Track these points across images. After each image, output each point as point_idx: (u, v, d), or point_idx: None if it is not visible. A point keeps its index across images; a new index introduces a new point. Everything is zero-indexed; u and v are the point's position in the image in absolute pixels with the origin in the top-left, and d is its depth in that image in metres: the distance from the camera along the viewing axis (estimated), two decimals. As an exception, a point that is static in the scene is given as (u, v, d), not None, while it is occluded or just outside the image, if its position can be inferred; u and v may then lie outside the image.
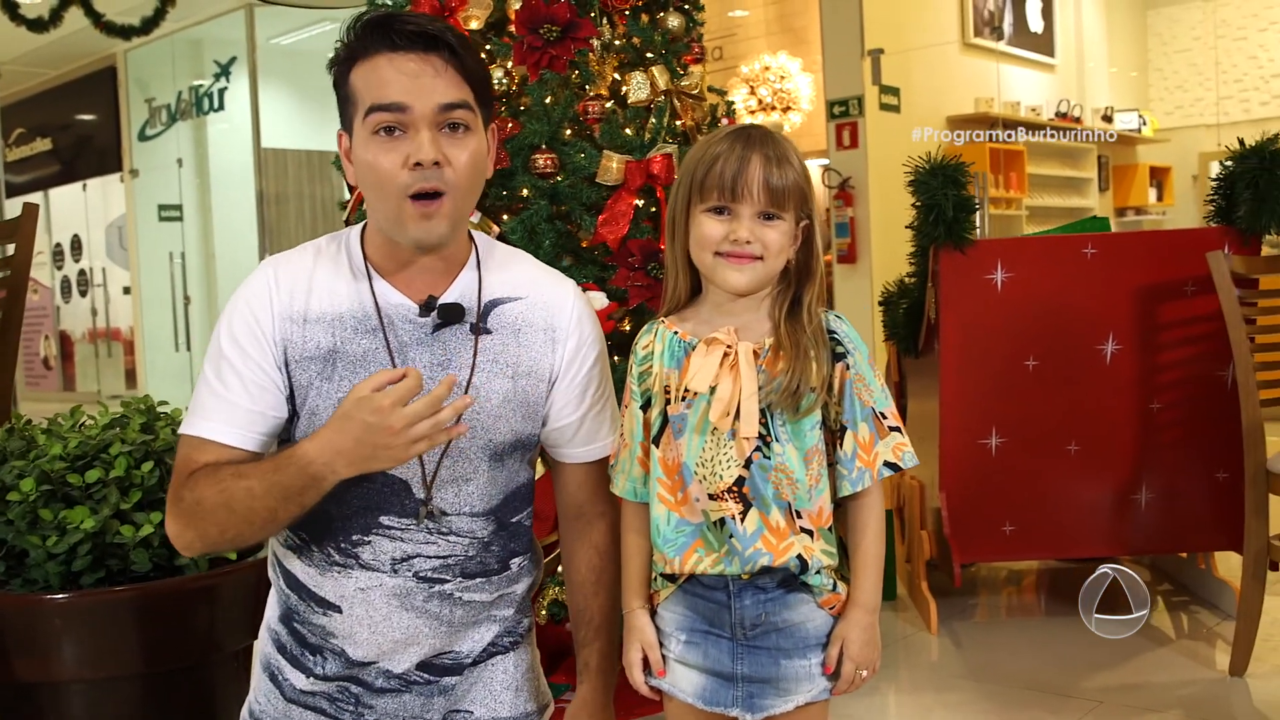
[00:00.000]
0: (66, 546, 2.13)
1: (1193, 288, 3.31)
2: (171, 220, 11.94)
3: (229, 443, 1.61)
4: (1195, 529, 3.51)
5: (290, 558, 1.71)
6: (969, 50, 9.36)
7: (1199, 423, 3.44)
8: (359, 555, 1.65)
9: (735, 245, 1.59)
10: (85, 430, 2.30)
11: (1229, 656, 3.17)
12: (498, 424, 1.68)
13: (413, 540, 1.66)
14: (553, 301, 1.74)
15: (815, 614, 1.64)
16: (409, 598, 1.66)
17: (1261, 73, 11.06)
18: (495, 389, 1.67)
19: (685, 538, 1.64)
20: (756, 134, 1.62)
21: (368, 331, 1.64)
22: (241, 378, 1.62)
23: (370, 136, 1.59)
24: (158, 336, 12.19)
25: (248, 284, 1.67)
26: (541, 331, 1.72)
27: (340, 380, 1.63)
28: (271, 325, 1.63)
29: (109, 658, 2.20)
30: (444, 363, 1.65)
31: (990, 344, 3.39)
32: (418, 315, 1.65)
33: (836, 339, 1.63)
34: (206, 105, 11.61)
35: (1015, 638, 3.53)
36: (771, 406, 1.59)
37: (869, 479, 1.62)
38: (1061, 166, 10.21)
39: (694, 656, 1.67)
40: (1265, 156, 3.17)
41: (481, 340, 1.67)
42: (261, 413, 1.63)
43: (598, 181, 2.96)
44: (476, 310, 1.68)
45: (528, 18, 3.00)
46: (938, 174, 3.18)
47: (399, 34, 1.60)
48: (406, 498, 1.65)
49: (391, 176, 1.58)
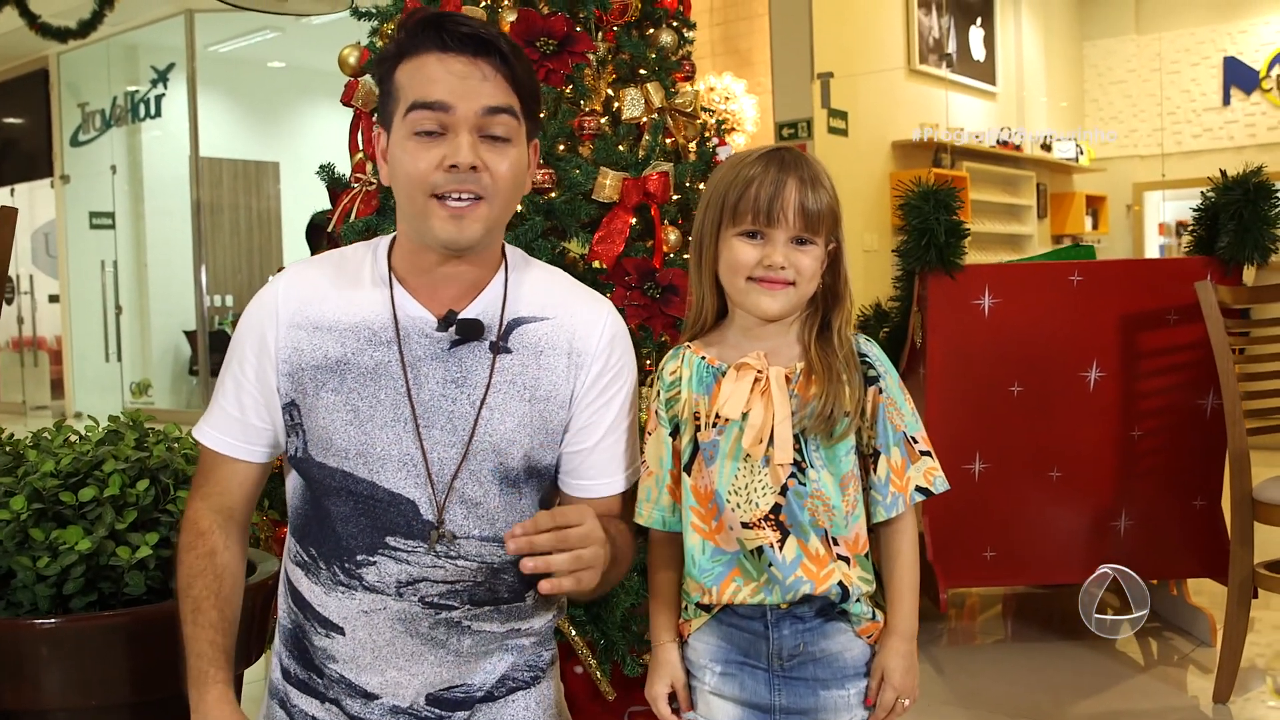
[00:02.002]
0: (59, 568, 2.03)
1: (1175, 317, 3.34)
2: (103, 228, 11.69)
3: (226, 454, 1.64)
4: (1173, 556, 3.54)
5: (298, 574, 1.65)
6: (914, 76, 9.47)
7: (1178, 451, 3.47)
8: (363, 577, 1.59)
9: (769, 271, 1.55)
10: (77, 446, 2.20)
11: (1208, 683, 3.19)
12: (511, 448, 1.61)
13: (419, 564, 1.59)
14: (581, 325, 1.66)
15: (854, 643, 1.61)
16: (414, 623, 1.60)
17: (1194, 106, 11.34)
18: (511, 411, 1.61)
19: (722, 567, 1.60)
20: (790, 157, 1.58)
21: (382, 344, 1.59)
22: (238, 386, 1.62)
23: (410, 136, 1.55)
24: (87, 346, 11.90)
25: (259, 295, 1.65)
26: (565, 355, 1.64)
27: (350, 393, 1.57)
28: (275, 333, 1.60)
29: (98, 685, 2.10)
30: (458, 380, 1.59)
31: (975, 369, 3.39)
32: (435, 329, 1.59)
33: (868, 362, 1.61)
34: (142, 111, 11.39)
35: (995, 663, 3.53)
36: (805, 432, 1.55)
37: (903, 504, 1.60)
38: (1002, 193, 10.35)
39: (730, 688, 1.62)
40: (1249, 189, 3.22)
41: (500, 359, 1.61)
42: (251, 424, 1.62)
43: (593, 198, 2.91)
44: (498, 328, 1.62)
45: (524, 30, 2.94)
46: (929, 198, 3.18)
47: (450, 34, 1.55)
48: (415, 519, 1.59)
49: (424, 176, 1.54)
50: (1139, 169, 11.61)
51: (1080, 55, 11.96)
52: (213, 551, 1.61)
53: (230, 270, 11.89)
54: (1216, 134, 11.22)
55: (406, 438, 1.57)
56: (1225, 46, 11.18)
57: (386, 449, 1.57)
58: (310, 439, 1.59)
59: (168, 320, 11.57)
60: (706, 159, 3.20)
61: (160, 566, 2.12)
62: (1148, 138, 11.51)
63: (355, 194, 2.97)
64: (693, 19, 3.36)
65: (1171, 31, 11.40)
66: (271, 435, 1.63)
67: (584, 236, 2.88)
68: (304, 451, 1.60)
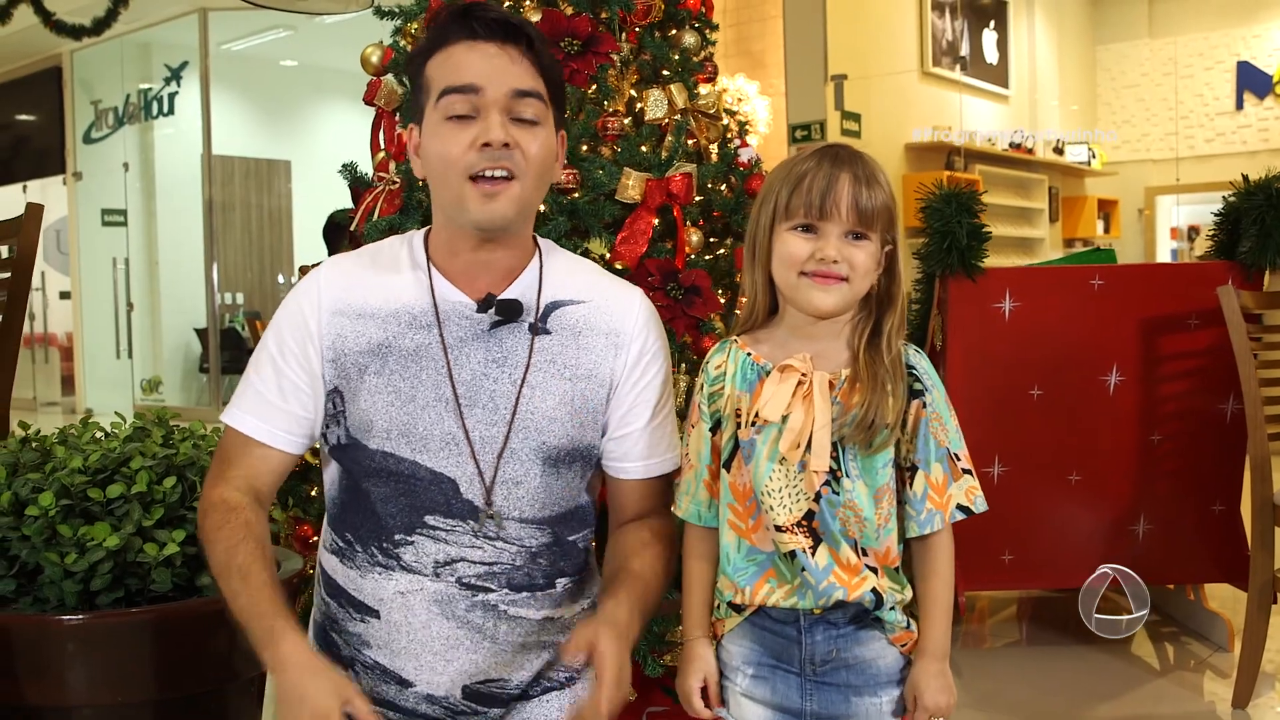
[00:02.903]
0: (86, 565, 2.03)
1: (1195, 321, 3.33)
2: (115, 225, 11.71)
3: (260, 439, 1.62)
4: (1191, 561, 3.53)
5: (332, 561, 1.67)
6: (928, 79, 9.46)
7: (1197, 456, 3.46)
8: (401, 556, 1.60)
9: (822, 264, 1.54)
10: (104, 443, 2.20)
11: (1226, 688, 3.19)
12: (552, 426, 1.63)
13: (458, 543, 1.59)
14: (617, 307, 1.69)
15: (887, 651, 1.60)
16: (450, 605, 1.59)
17: (1207, 110, 11.31)
18: (551, 390, 1.63)
19: (757, 567, 1.60)
20: (845, 153, 1.57)
21: (422, 327, 1.62)
22: (278, 372, 1.63)
23: (442, 122, 1.58)
24: (98, 343, 11.93)
25: (300, 284, 1.68)
26: (603, 335, 1.67)
27: (391, 375, 1.60)
28: (318, 321, 1.62)
29: (123, 682, 2.10)
30: (499, 360, 1.62)
31: (995, 372, 3.39)
32: (475, 311, 1.62)
33: (915, 374, 1.58)
34: (155, 109, 11.41)
35: (1011, 667, 3.53)
36: (844, 440, 1.54)
37: (939, 521, 1.58)
38: (1014, 197, 10.34)
39: (761, 691, 1.62)
40: (1271, 194, 3.21)
41: (539, 340, 1.64)
42: (290, 412, 1.62)
43: (616, 199, 2.92)
44: (536, 310, 1.65)
45: (549, 31, 2.94)
46: (951, 201, 3.17)
47: (479, 21, 1.59)
48: (454, 498, 1.59)
49: (458, 158, 1.57)
50: (1151, 173, 11.59)
51: (1093, 59, 11.95)
52: (248, 523, 1.57)
53: (241, 268, 11.91)
54: (1229, 138, 11.19)
55: (448, 417, 1.59)
56: (1239, 51, 11.15)
57: (429, 428, 1.59)
58: (352, 424, 1.61)
59: (179, 318, 11.58)
60: (728, 160, 3.20)
61: (186, 563, 2.12)
62: (1160, 142, 11.48)
63: (378, 193, 2.97)
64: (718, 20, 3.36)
65: (1185, 35, 11.37)
66: (310, 425, 1.64)
67: (607, 237, 2.89)
68: (347, 438, 1.61)
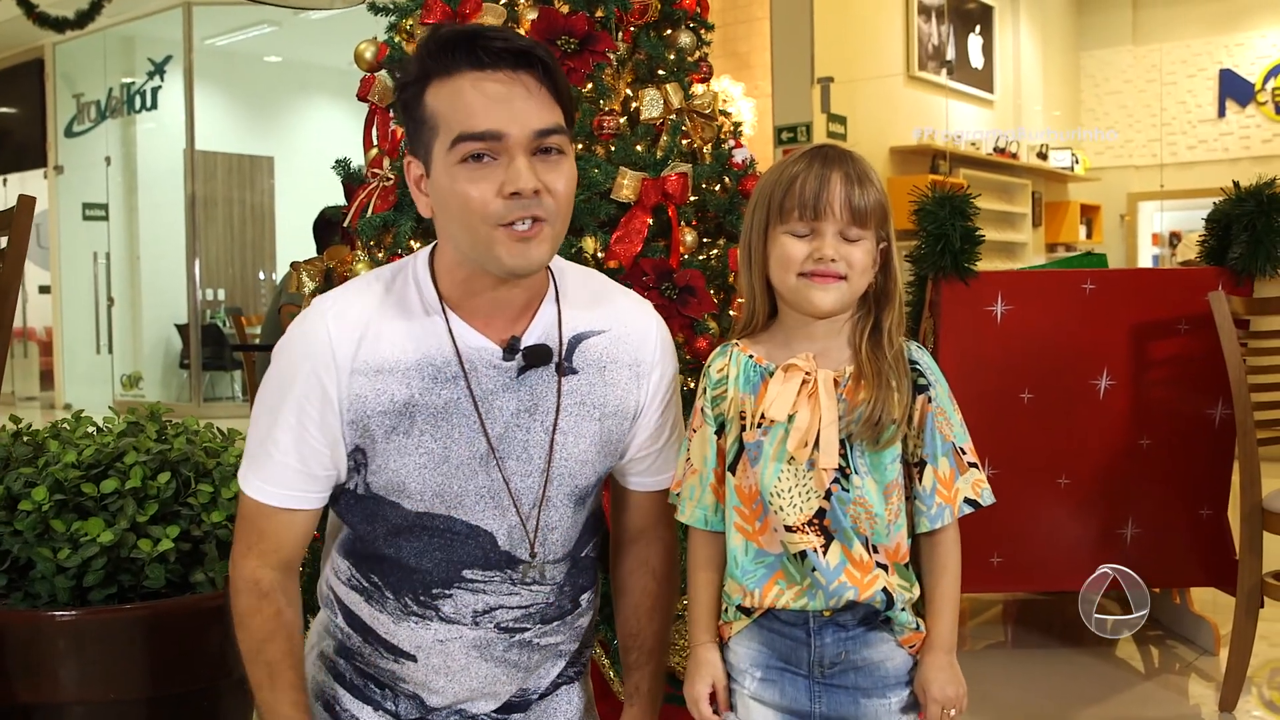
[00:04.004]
0: (80, 560, 2.03)
1: (1186, 326, 3.34)
2: (96, 219, 11.64)
3: (284, 506, 1.55)
4: (1179, 565, 3.54)
5: (357, 600, 1.62)
6: (913, 83, 9.49)
7: (1186, 460, 3.47)
8: (440, 608, 1.58)
9: (820, 264, 1.54)
10: (97, 438, 2.19)
11: (1212, 691, 3.20)
12: (584, 469, 1.61)
13: (496, 592, 1.59)
14: (636, 334, 1.66)
15: (896, 653, 1.60)
16: (489, 649, 1.61)
17: (1189, 117, 11.38)
18: (584, 433, 1.60)
19: (765, 569, 1.59)
20: (834, 153, 1.58)
21: (448, 380, 1.52)
22: (298, 439, 1.52)
23: (457, 165, 1.46)
24: (77, 338, 11.85)
25: (303, 337, 1.53)
26: (627, 368, 1.64)
27: (421, 435, 1.52)
28: (336, 385, 1.50)
29: (115, 679, 2.10)
30: (530, 408, 1.56)
31: (986, 376, 3.39)
32: (501, 359, 1.54)
33: (919, 370, 1.59)
34: (138, 103, 11.34)
35: (997, 669, 3.53)
36: (851, 437, 1.55)
37: (949, 515, 1.59)
38: (997, 201, 10.38)
39: (770, 695, 1.61)
40: (1263, 200, 3.22)
41: (566, 381, 1.58)
42: (313, 474, 1.54)
43: (611, 198, 2.91)
44: (559, 348, 1.58)
45: (545, 29, 2.94)
46: (945, 204, 3.17)
47: (486, 51, 1.45)
48: (492, 550, 1.58)
49: (483, 205, 1.44)
50: (1133, 179, 11.65)
51: (1077, 65, 12.00)
52: (279, 612, 1.56)
53: (223, 264, 11.86)
54: (1211, 145, 11.27)
55: (483, 472, 1.55)
56: (1221, 59, 11.23)
57: (464, 485, 1.54)
58: (377, 481, 1.54)
59: (159, 313, 11.52)
60: (723, 160, 3.19)
61: (180, 560, 2.11)
62: (1143, 148, 11.55)
63: (372, 189, 2.96)
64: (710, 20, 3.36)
65: (1168, 43, 11.44)
66: (334, 480, 1.57)
67: (602, 236, 2.88)
68: (368, 490, 1.56)
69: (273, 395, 1.54)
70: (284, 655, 1.55)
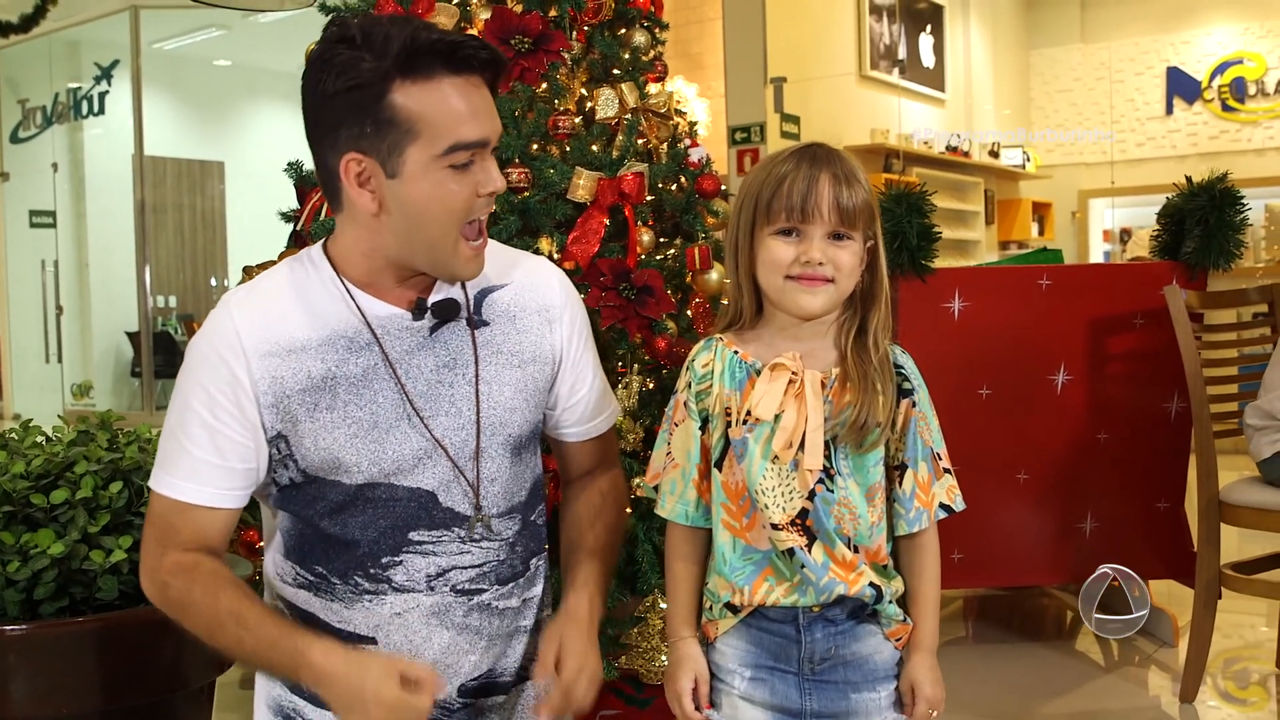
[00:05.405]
0: (29, 573, 1.98)
1: (1141, 320, 3.37)
2: (44, 227, 11.45)
3: (201, 503, 1.53)
4: (1137, 558, 3.54)
5: (306, 598, 1.59)
6: (865, 82, 9.53)
7: (1143, 453, 3.50)
8: (392, 578, 1.56)
9: (807, 267, 1.53)
10: (46, 448, 2.14)
11: (1173, 683, 3.22)
12: (513, 416, 1.62)
13: (446, 552, 1.57)
14: (538, 282, 1.69)
15: (883, 646, 1.61)
16: (448, 614, 1.58)
17: (1138, 115, 11.49)
18: (506, 380, 1.62)
19: (754, 566, 1.58)
20: (822, 152, 1.56)
21: (362, 348, 1.55)
22: (211, 430, 1.51)
23: (444, 170, 1.49)
24: (26, 347, 11.66)
25: (210, 330, 1.54)
26: (536, 314, 1.67)
27: (346, 406, 1.53)
28: (247, 369, 1.51)
29: (68, 694, 2.05)
30: (449, 363, 1.59)
31: (944, 372, 3.39)
32: (411, 320, 1.57)
33: (903, 374, 1.60)
34: (85, 109, 11.17)
35: (959, 664, 3.54)
36: (836, 439, 1.54)
37: (926, 520, 1.60)
38: (950, 199, 10.44)
39: (761, 693, 1.60)
40: (1215, 194, 3.25)
41: (480, 333, 1.61)
42: (231, 468, 1.52)
43: (567, 198, 2.89)
44: (468, 303, 1.62)
45: (499, 28, 2.91)
46: (901, 202, 3.18)
47: (473, 58, 1.49)
48: (434, 508, 1.57)
49: (464, 206, 1.51)
50: (1084, 176, 11.76)
51: (1027, 63, 12.09)
52: (214, 571, 1.53)
53: (174, 270, 11.72)
54: (1159, 143, 11.38)
55: (414, 433, 1.55)
56: (1169, 57, 11.34)
57: (399, 449, 1.55)
58: (309, 463, 1.53)
59: (109, 321, 11.35)
60: (679, 160, 3.18)
61: (134, 570, 2.06)
62: (1093, 145, 11.65)
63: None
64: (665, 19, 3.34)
65: (1116, 41, 11.55)
66: (253, 475, 1.55)
67: (558, 236, 2.86)
68: (304, 475, 1.54)
69: (183, 391, 1.54)
70: (239, 598, 1.50)
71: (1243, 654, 3.68)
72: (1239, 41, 11.07)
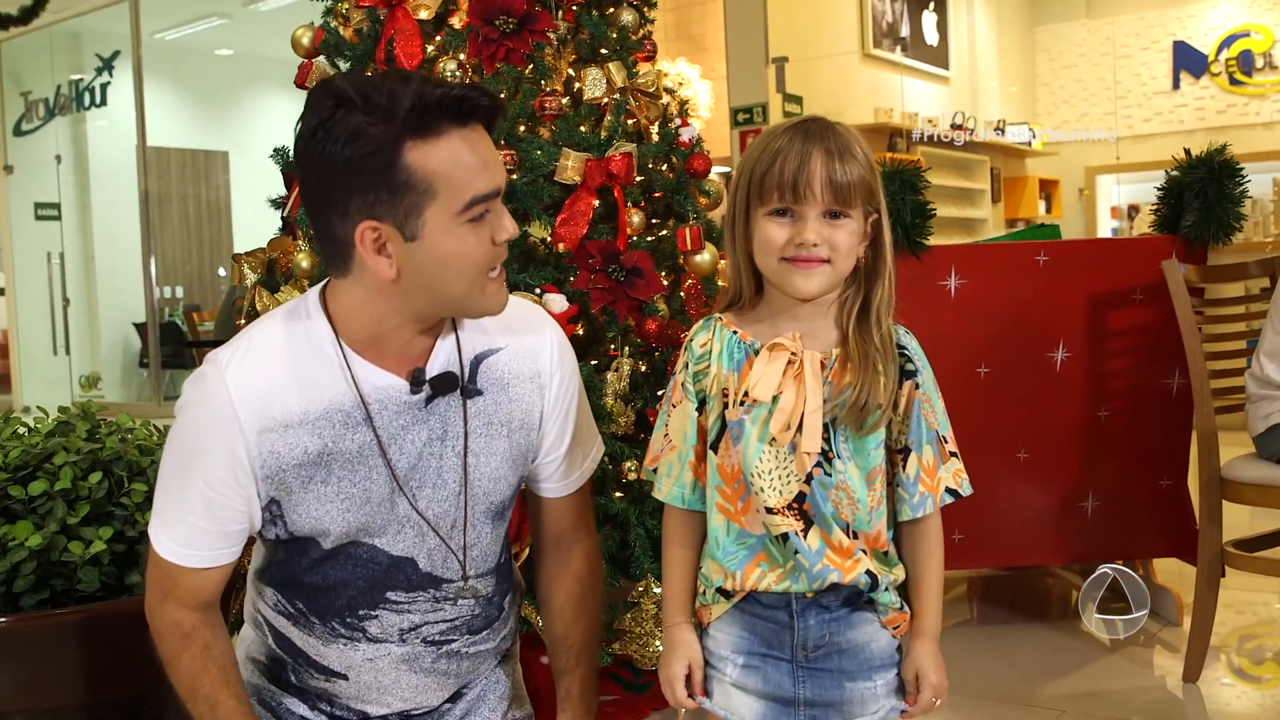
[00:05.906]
0: (8, 565, 1.97)
1: (1140, 296, 3.32)
2: (49, 219, 11.48)
3: (196, 566, 1.56)
4: (1140, 536, 3.52)
5: (285, 624, 1.63)
6: (868, 61, 9.47)
7: (1144, 430, 3.45)
8: (366, 629, 1.60)
9: (801, 249, 1.49)
10: (25, 439, 2.12)
11: (1177, 662, 3.19)
12: (499, 485, 1.64)
13: (420, 610, 1.61)
14: (533, 344, 1.67)
15: (880, 634, 1.58)
16: (417, 661, 1.63)
17: (1145, 90, 11.42)
18: (495, 450, 1.62)
19: (747, 550, 1.55)
20: (816, 127, 1.52)
21: (358, 424, 1.53)
22: (208, 501, 1.52)
23: (463, 224, 1.47)
24: (34, 340, 11.70)
25: (206, 397, 1.51)
26: (528, 380, 1.66)
27: (340, 481, 1.53)
28: (245, 446, 1.49)
29: (51, 687, 2.04)
30: (440, 436, 1.57)
31: (942, 351, 3.31)
32: (409, 393, 1.55)
33: (906, 355, 1.56)
34: (87, 100, 11.18)
35: (963, 645, 3.51)
36: (835, 421, 1.51)
37: (931, 504, 1.57)
38: (956, 177, 10.38)
39: (753, 681, 1.58)
40: (1214, 167, 3.20)
41: (472, 403, 1.60)
42: (225, 531, 1.55)
43: (555, 180, 2.86)
44: (462, 372, 1.59)
45: (483, 9, 2.88)
46: (895, 178, 3.14)
47: (473, 109, 1.46)
48: (414, 574, 1.60)
49: (488, 256, 1.50)
50: (1091, 153, 11.68)
51: (1032, 40, 12.01)
52: (206, 647, 1.58)
53: (179, 261, 11.73)
54: (1167, 118, 11.31)
55: (401, 504, 1.57)
56: (1175, 31, 11.26)
57: (385, 521, 1.57)
58: (299, 526, 1.55)
59: (116, 312, 11.38)
60: (669, 140, 3.15)
61: (115, 561, 2.06)
62: (1099, 121, 11.57)
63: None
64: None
65: (1121, 16, 11.47)
66: (248, 532, 1.58)
67: (546, 219, 2.83)
68: (288, 534, 1.57)
69: (180, 459, 1.53)
70: (220, 686, 1.56)
71: (1257, 631, 3.64)
72: (1246, 14, 10.98)
